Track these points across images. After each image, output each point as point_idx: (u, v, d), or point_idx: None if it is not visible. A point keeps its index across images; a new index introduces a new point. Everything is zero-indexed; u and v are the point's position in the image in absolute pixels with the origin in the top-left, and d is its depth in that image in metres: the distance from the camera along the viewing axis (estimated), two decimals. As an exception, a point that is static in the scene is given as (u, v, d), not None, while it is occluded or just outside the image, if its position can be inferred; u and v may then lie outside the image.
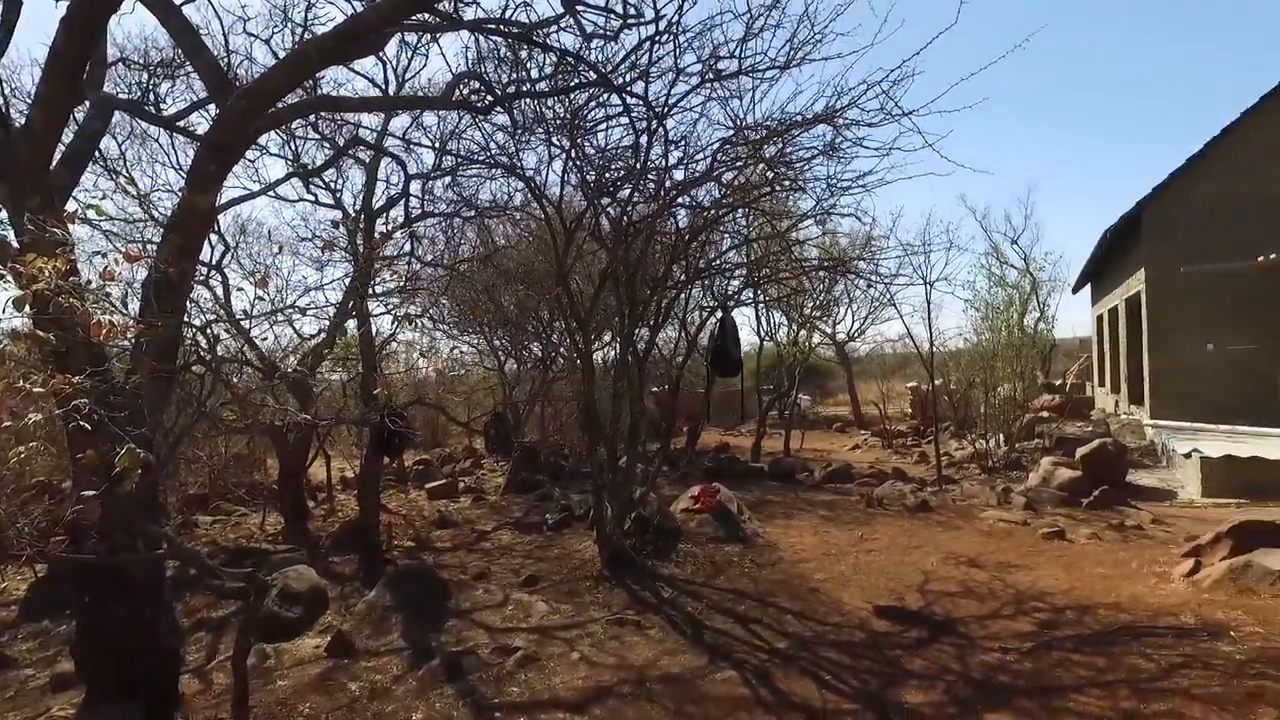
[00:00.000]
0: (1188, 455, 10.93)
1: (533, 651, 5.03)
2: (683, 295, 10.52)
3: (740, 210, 7.74)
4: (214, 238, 8.15)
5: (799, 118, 5.89)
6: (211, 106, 5.57)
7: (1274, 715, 3.85)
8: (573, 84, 5.37)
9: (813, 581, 6.46)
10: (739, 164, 6.55)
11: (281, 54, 5.60)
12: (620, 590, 6.31)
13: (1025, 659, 4.65)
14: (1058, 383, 24.09)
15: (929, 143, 5.26)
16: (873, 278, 10.73)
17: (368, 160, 7.97)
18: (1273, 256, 13.12)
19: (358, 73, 7.43)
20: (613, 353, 11.70)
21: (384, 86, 7.44)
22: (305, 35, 5.50)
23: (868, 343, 26.90)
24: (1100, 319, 23.22)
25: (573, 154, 6.36)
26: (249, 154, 7.34)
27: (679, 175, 6.66)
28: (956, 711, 4.03)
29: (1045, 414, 17.64)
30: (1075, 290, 26.93)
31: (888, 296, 15.77)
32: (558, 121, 6.24)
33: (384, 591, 6.07)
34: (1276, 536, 6.18)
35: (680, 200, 6.89)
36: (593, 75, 5.24)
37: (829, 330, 23.60)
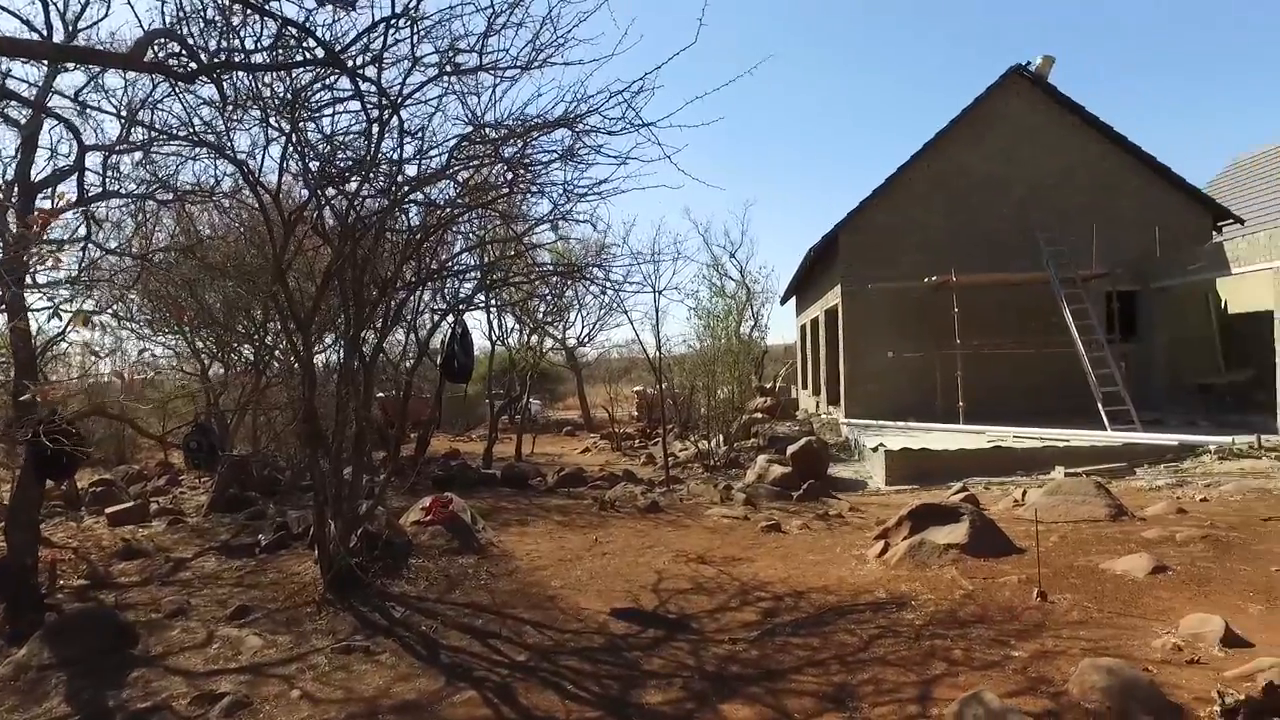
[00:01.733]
0: (875, 449, 12.45)
1: (243, 695, 4.43)
2: (413, 297, 10.04)
3: (475, 211, 7.52)
4: None
5: (539, 120, 5.83)
6: None
7: (944, 667, 4.43)
8: (296, 59, 4.83)
9: (550, 589, 6.41)
10: (477, 163, 6.34)
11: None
12: (347, 614, 5.80)
13: (752, 647, 4.94)
14: (769, 386, 26.42)
15: (667, 154, 5.44)
16: (604, 284, 11.03)
17: (23, 121, 6.62)
18: (934, 279, 15.45)
19: (6, 10, 6.14)
20: (336, 356, 10.89)
21: (44, 33, 6.22)
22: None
23: (597, 348, 27.70)
24: (804, 328, 25.94)
25: (294, 138, 5.76)
26: None
27: (413, 171, 6.31)
28: (694, 706, 4.15)
29: (759, 415, 19.28)
30: (783, 301, 29.85)
31: (618, 303, 16.33)
32: (277, 101, 5.61)
33: (40, 647, 5.03)
34: (942, 516, 7.14)
35: (414, 197, 6.52)
36: (320, 53, 4.75)
37: (560, 335, 23.97)
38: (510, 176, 6.31)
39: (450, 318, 8.81)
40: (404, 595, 6.24)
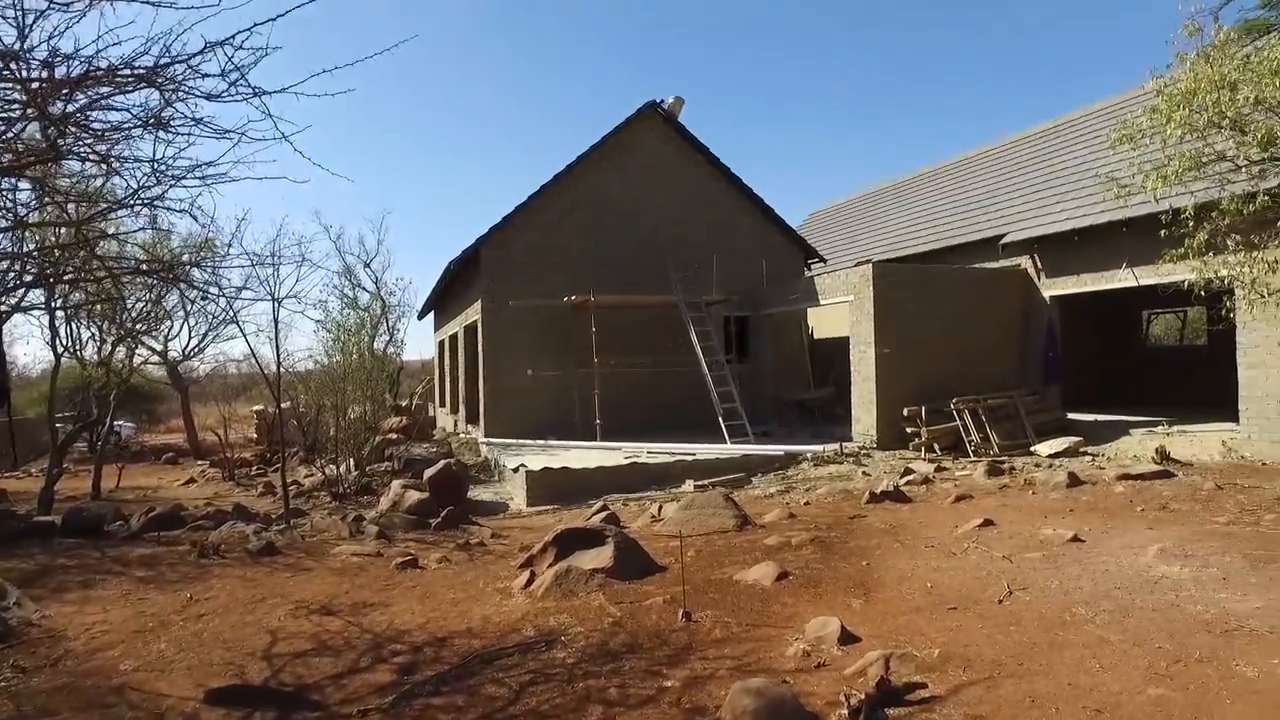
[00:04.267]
0: (515, 470, 12.17)
1: None
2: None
3: (14, 180, 5.69)
4: None
5: (108, 68, 4.47)
6: None
7: (600, 711, 4.11)
8: None
9: (119, 675, 4.96)
10: (9, 114, 4.72)
11: None
12: None
13: (387, 718, 4.18)
14: (405, 404, 25.20)
15: (282, 134, 4.45)
16: (210, 290, 9.24)
17: None
18: (573, 298, 15.75)
19: None
20: None
21: None
22: None
23: (208, 362, 24.25)
24: (443, 344, 25.17)
25: None
26: None
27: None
28: (308, 818, 3.30)
29: (395, 435, 18.12)
30: (421, 316, 28.77)
31: (230, 312, 14.14)
32: None
33: None
34: (587, 539, 6.97)
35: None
36: None
37: (159, 347, 20.41)
38: (59, 138, 4.77)
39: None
40: None
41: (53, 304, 9.83)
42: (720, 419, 14.59)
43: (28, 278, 7.32)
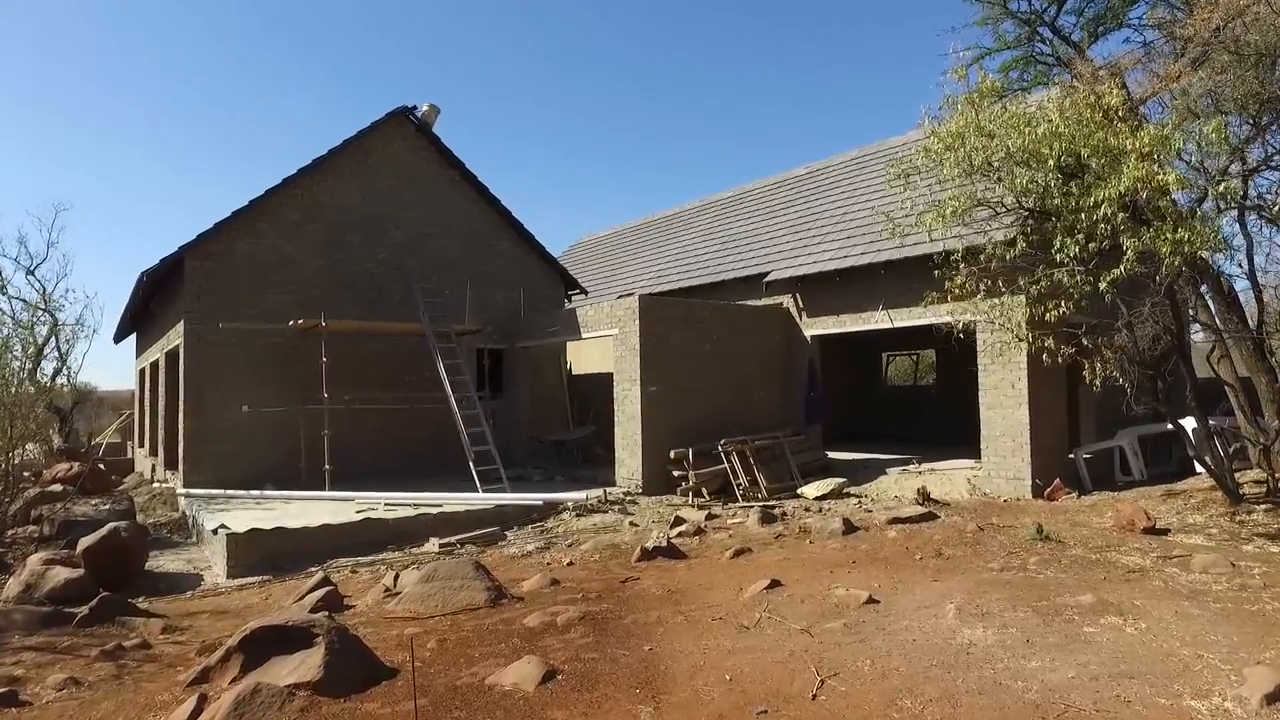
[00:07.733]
0: (215, 531, 9.74)
1: None
2: None
3: None
4: None
5: None
6: None
7: None
8: None
9: None
10: None
11: None
12: None
13: None
14: (86, 446, 20.81)
15: None
16: None
17: None
18: (301, 321, 13.46)
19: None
20: None
21: None
22: None
23: None
24: (143, 372, 21.10)
25: None
26: None
27: None
28: None
29: (60, 488, 14.41)
30: (118, 339, 24.17)
31: None
32: None
33: None
34: (288, 639, 5.16)
35: None
36: None
37: None
38: None
39: None
40: None
41: None
42: (471, 463, 12.94)
43: None
